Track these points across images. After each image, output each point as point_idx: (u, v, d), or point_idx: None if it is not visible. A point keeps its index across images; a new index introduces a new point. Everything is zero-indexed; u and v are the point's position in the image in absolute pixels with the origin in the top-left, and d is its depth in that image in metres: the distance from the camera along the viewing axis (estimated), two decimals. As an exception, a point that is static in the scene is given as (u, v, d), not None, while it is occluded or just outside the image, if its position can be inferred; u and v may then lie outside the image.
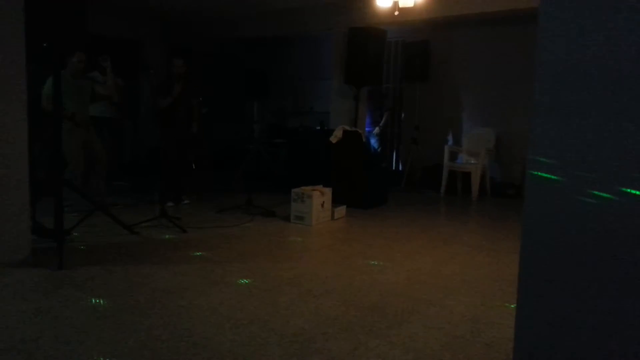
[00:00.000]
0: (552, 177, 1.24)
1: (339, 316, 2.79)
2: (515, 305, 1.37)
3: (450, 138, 7.99)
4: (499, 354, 2.40)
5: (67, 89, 5.02)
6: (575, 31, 1.19)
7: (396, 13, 5.43)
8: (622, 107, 1.14)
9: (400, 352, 2.38)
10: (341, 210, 5.55)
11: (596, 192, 1.18)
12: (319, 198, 5.14)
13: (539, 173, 1.26)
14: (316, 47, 9.09)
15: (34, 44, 3.51)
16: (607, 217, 1.17)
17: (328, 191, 5.33)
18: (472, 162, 7.28)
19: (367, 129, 7.75)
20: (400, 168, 8.55)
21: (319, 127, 8.30)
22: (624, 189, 1.14)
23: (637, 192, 1.12)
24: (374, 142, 7.97)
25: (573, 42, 1.20)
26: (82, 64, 5.18)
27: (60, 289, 3.07)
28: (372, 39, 6.77)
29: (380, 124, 7.97)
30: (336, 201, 5.48)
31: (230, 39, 8.87)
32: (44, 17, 3.44)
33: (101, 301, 2.90)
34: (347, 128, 6.40)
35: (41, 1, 3.42)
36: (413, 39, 8.04)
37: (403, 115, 8.52)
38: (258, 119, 9.67)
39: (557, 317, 1.28)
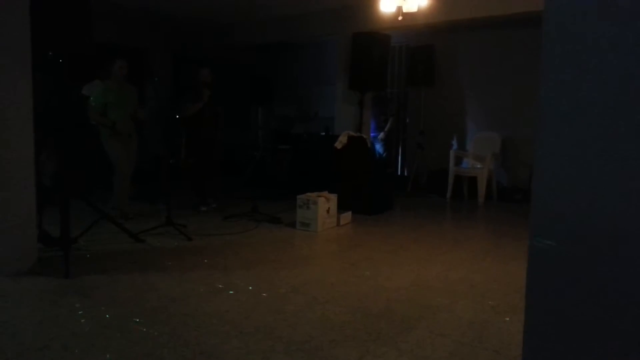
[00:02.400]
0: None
1: (345, 323, 2.77)
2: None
3: (455, 142, 7.96)
4: (507, 360, 2.38)
5: (111, 98, 5.11)
6: (582, 31, 1.18)
7: (400, 18, 5.43)
8: (634, 111, 1.13)
9: (408, 359, 2.36)
10: (347, 216, 5.54)
11: (606, 194, 1.17)
12: (325, 204, 5.13)
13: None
14: (320, 52, 9.10)
15: (39, 52, 3.53)
16: (618, 220, 1.16)
17: (333, 197, 5.31)
18: (478, 166, 7.24)
19: (372, 134, 7.74)
20: (406, 173, 8.52)
21: (323, 133, 8.30)
22: (634, 192, 1.12)
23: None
24: (379, 147, 7.95)
25: (579, 41, 1.19)
26: (123, 69, 5.16)
27: (66, 297, 3.07)
28: (376, 44, 6.77)
29: (385, 129, 7.96)
30: (342, 207, 5.46)
31: (235, 46, 8.90)
32: (50, 25, 3.46)
33: (107, 309, 2.90)
34: (352, 134, 6.39)
35: (46, 9, 3.44)
36: (417, 43, 8.04)
37: (408, 120, 8.51)
38: (262, 125, 9.69)
39: (567, 324, 1.26)
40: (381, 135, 7.93)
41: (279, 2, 7.02)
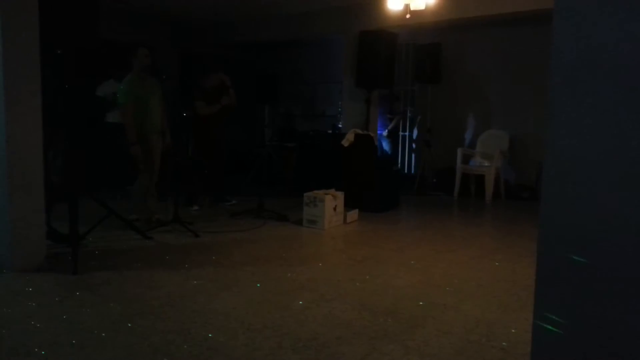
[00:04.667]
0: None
1: (352, 320, 2.77)
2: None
3: (465, 139, 7.93)
4: (514, 358, 2.37)
5: (136, 93, 4.76)
6: (591, 29, 1.18)
7: (408, 16, 5.41)
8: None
9: (415, 357, 2.36)
10: (353, 214, 5.54)
11: (615, 192, 1.16)
12: (332, 202, 5.13)
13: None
14: (327, 50, 9.09)
15: (47, 49, 3.55)
16: (628, 217, 1.15)
17: (340, 195, 5.31)
18: (486, 164, 7.22)
19: (379, 131, 7.73)
20: (413, 171, 8.51)
21: (330, 131, 8.28)
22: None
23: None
24: (386, 144, 7.94)
25: (589, 40, 1.18)
26: (148, 58, 4.83)
27: (75, 294, 3.09)
28: (383, 42, 6.75)
29: (389, 127, 7.93)
30: (348, 205, 5.46)
31: (240, 43, 8.91)
32: (57, 22, 3.47)
33: (115, 305, 2.91)
34: (359, 131, 6.38)
35: (54, 7, 3.46)
36: (424, 41, 8.01)
37: (415, 118, 8.48)
38: (269, 123, 9.69)
39: (575, 321, 1.26)
40: (385, 132, 7.90)
41: (286, 0, 7.02)
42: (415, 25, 6.86)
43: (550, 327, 1.29)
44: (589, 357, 1.23)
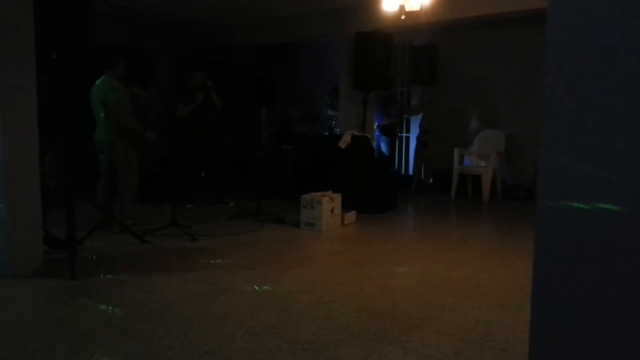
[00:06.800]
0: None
1: (350, 322, 2.77)
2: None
3: (462, 140, 7.94)
4: (513, 358, 2.38)
5: (126, 99, 4.86)
6: (587, 26, 1.18)
7: (403, 17, 5.42)
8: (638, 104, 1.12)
9: (413, 358, 2.36)
10: (351, 215, 5.53)
11: (613, 193, 1.16)
12: (329, 204, 5.13)
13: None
14: (324, 52, 9.09)
15: (43, 54, 3.54)
16: (626, 217, 1.15)
17: (338, 197, 5.31)
18: (483, 164, 7.22)
19: (376, 133, 7.72)
20: (410, 172, 8.51)
21: (327, 133, 8.28)
22: (637, 189, 1.12)
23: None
24: (383, 146, 7.93)
25: (584, 37, 1.18)
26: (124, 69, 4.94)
27: (72, 299, 3.08)
28: (379, 44, 6.75)
29: (382, 123, 7.88)
30: (346, 207, 5.46)
31: (237, 47, 8.91)
32: (53, 27, 3.47)
33: (113, 310, 2.91)
34: (356, 133, 6.38)
35: (50, 12, 3.45)
36: (420, 42, 8.03)
37: (422, 118, 8.48)
38: (266, 126, 9.68)
39: (573, 321, 1.26)
40: (375, 126, 7.80)
41: (281, 2, 7.02)
42: (410, 27, 6.86)
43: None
44: (588, 357, 1.23)
